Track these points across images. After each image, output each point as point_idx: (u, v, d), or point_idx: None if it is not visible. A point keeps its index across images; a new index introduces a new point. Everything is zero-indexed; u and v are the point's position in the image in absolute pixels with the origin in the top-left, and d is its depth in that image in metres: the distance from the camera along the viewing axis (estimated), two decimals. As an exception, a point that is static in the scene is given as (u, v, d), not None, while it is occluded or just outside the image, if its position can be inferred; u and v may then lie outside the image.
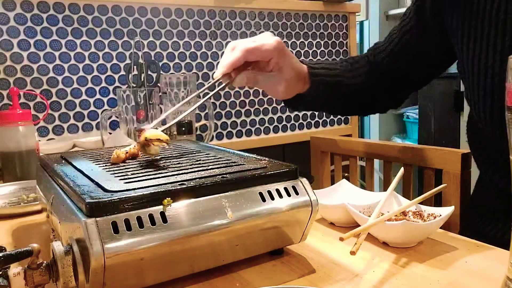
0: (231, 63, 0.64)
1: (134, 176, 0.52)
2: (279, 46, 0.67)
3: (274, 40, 0.67)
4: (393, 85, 0.86)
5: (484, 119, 0.68)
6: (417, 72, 0.85)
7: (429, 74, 0.86)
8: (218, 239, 0.47)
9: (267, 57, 0.67)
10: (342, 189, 0.75)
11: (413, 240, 0.57)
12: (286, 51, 0.69)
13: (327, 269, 0.52)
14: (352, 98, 0.84)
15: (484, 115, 0.68)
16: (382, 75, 0.85)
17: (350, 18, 1.96)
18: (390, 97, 0.89)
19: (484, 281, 0.48)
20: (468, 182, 0.87)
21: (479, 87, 0.68)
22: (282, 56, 0.68)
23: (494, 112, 0.66)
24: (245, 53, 0.65)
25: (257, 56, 0.66)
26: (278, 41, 0.67)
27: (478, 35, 0.68)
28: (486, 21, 0.66)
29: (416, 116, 2.75)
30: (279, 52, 0.67)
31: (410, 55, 0.82)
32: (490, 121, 0.68)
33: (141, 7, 1.50)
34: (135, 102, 1.19)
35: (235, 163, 0.57)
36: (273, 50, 0.66)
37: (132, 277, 0.44)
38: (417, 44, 0.80)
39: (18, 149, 0.99)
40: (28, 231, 0.71)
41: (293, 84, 0.72)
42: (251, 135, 1.78)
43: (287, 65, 0.70)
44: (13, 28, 1.31)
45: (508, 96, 0.40)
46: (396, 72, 0.84)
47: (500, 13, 0.65)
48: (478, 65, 0.68)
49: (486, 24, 0.66)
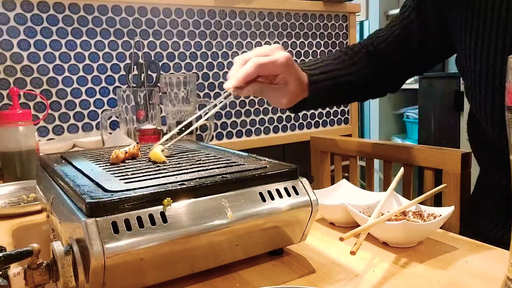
0: (243, 77, 0.66)
1: (134, 176, 0.52)
2: (288, 62, 0.69)
3: (284, 56, 0.69)
4: (392, 73, 0.88)
5: (485, 117, 0.69)
6: (417, 62, 0.86)
7: (429, 64, 0.88)
8: (218, 239, 0.47)
9: (276, 72, 0.69)
10: (342, 189, 0.75)
11: (413, 240, 0.57)
12: (294, 66, 0.72)
13: (327, 269, 0.52)
14: (353, 90, 0.86)
15: (484, 113, 0.68)
16: (382, 64, 0.86)
17: (350, 18, 1.96)
18: (389, 83, 0.91)
19: (484, 281, 0.48)
20: (468, 182, 0.87)
21: (480, 85, 0.68)
22: (290, 71, 0.70)
23: (494, 111, 0.66)
24: (258, 68, 0.66)
25: (268, 71, 0.69)
26: (288, 57, 0.69)
27: (479, 34, 0.68)
28: (488, 20, 0.67)
29: (416, 116, 2.75)
30: (287, 68, 0.70)
31: (410, 48, 0.83)
32: (490, 119, 0.68)
33: (141, 7, 1.50)
34: (135, 102, 1.19)
35: (235, 163, 0.57)
36: (283, 65, 0.68)
37: (132, 277, 0.44)
38: (417, 39, 0.81)
39: (18, 149, 0.99)
40: (28, 231, 0.71)
41: (296, 95, 0.75)
42: (251, 135, 1.78)
43: (293, 79, 0.72)
44: (13, 28, 1.31)
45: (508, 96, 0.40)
46: (396, 62, 0.86)
47: (502, 12, 0.65)
48: (480, 63, 0.68)
49: (487, 23, 0.67)
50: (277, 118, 1.83)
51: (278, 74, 0.70)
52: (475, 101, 0.70)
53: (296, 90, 0.73)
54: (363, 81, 0.85)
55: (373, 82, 0.87)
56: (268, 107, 1.80)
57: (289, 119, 1.86)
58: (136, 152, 0.63)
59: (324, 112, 1.95)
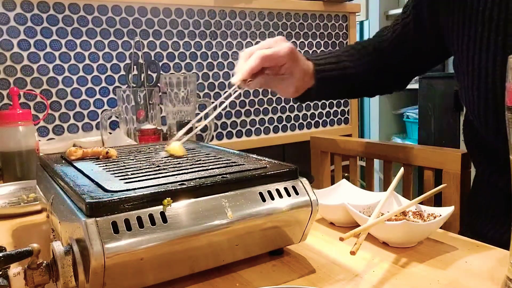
0: (249, 70, 0.68)
1: (134, 176, 0.52)
2: (292, 51, 0.71)
3: (288, 47, 0.71)
4: (396, 71, 0.89)
5: (479, 119, 0.69)
6: (414, 62, 0.87)
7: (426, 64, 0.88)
8: (218, 239, 0.47)
9: (281, 63, 0.71)
10: (342, 189, 0.75)
11: (413, 240, 0.57)
12: (298, 56, 0.74)
13: (327, 269, 0.52)
14: (360, 84, 0.87)
15: (478, 115, 0.68)
16: (386, 62, 0.86)
17: (350, 18, 1.96)
18: (395, 81, 0.91)
19: (484, 281, 0.48)
20: (468, 182, 0.87)
21: (473, 87, 0.68)
22: (294, 61, 0.73)
23: (488, 112, 0.66)
24: (262, 60, 0.68)
25: (273, 62, 0.70)
26: (291, 48, 0.71)
27: (472, 35, 0.68)
28: (480, 21, 0.67)
29: (416, 116, 2.74)
30: (291, 58, 0.72)
31: (408, 48, 0.83)
32: (484, 121, 0.68)
33: (141, 7, 1.50)
34: (135, 102, 1.19)
35: (235, 163, 0.57)
36: (287, 56, 0.70)
37: (132, 277, 0.44)
38: (413, 39, 0.82)
39: (18, 149, 0.99)
40: (28, 231, 0.71)
41: (302, 84, 0.77)
42: (251, 135, 1.78)
43: (298, 69, 0.74)
44: (13, 28, 1.31)
45: (508, 96, 0.40)
46: (397, 60, 0.86)
47: (494, 14, 0.65)
48: (472, 65, 0.68)
49: (479, 24, 0.67)
50: (277, 118, 1.83)
51: (282, 64, 0.72)
52: (468, 103, 0.70)
53: (302, 79, 0.76)
54: (369, 76, 0.86)
55: (379, 78, 0.88)
56: (268, 107, 1.80)
57: (289, 119, 1.86)
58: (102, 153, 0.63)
59: (324, 112, 1.95)
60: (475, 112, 0.69)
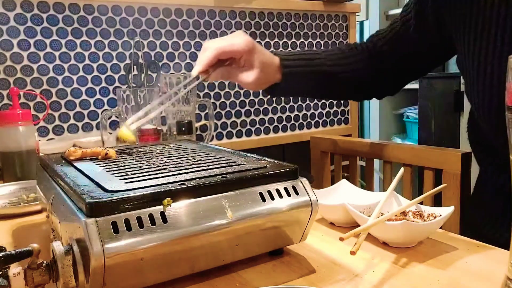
0: (205, 62, 0.72)
1: (134, 176, 0.52)
2: (248, 44, 0.74)
3: (243, 39, 0.74)
4: (390, 73, 0.88)
5: (483, 115, 0.69)
6: (414, 62, 0.86)
7: (426, 66, 0.87)
8: (218, 239, 0.47)
9: (237, 55, 0.75)
10: (342, 189, 0.75)
11: (413, 240, 0.57)
12: (256, 49, 0.76)
13: (327, 269, 0.52)
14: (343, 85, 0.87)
15: (482, 111, 0.68)
16: (380, 62, 0.86)
17: (350, 18, 1.96)
18: (387, 84, 0.91)
19: (484, 281, 0.48)
20: (468, 182, 0.87)
21: (478, 83, 0.68)
22: (252, 54, 0.75)
23: (491, 109, 0.66)
24: (216, 53, 0.72)
25: (228, 54, 0.74)
26: (247, 40, 0.74)
27: (478, 32, 0.68)
28: (487, 17, 0.66)
29: (416, 116, 2.74)
30: (248, 50, 0.74)
31: (407, 45, 0.83)
32: (488, 117, 0.68)
33: (141, 7, 1.50)
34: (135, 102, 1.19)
35: (235, 163, 0.57)
36: (242, 49, 0.74)
37: (132, 277, 0.44)
38: (413, 37, 0.81)
39: (18, 149, 0.99)
40: (28, 231, 0.71)
41: (264, 76, 0.78)
42: (251, 135, 1.78)
43: (257, 62, 0.76)
44: (13, 28, 1.31)
45: (508, 96, 0.40)
46: (394, 60, 0.86)
47: (501, 10, 0.65)
48: (478, 60, 0.68)
49: (486, 20, 0.67)
50: (277, 118, 1.83)
51: (240, 57, 0.75)
52: (473, 99, 0.70)
53: (264, 71, 0.77)
54: (357, 74, 0.85)
55: (368, 81, 0.87)
56: (268, 107, 1.80)
57: (289, 119, 1.86)
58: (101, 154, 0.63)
59: (324, 112, 1.95)
60: (479, 108, 0.69)
